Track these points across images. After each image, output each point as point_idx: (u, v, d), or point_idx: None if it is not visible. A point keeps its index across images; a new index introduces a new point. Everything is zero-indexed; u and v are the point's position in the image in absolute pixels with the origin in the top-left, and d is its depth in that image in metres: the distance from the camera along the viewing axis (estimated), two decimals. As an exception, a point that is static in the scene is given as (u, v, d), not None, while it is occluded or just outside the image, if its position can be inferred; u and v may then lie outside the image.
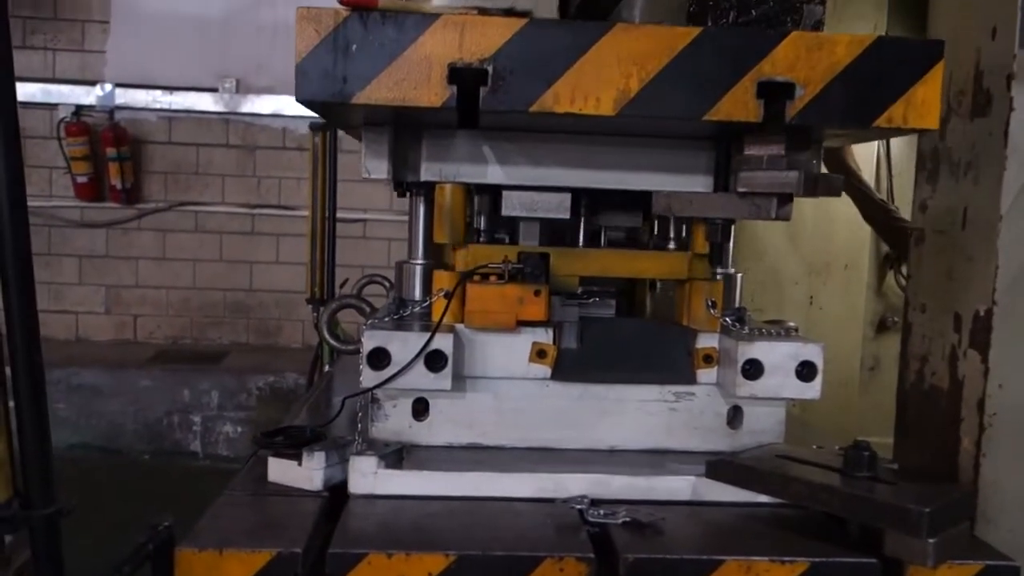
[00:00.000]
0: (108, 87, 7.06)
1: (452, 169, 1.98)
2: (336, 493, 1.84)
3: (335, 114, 1.92)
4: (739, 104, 1.67)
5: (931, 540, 1.55)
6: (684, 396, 2.03)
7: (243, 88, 7.21)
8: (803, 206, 3.91)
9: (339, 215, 5.24)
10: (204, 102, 7.18)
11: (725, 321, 2.03)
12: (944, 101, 1.95)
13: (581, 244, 2.15)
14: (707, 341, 2.02)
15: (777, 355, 1.92)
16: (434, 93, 1.65)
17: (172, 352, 7.12)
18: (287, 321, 7.40)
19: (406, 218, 2.23)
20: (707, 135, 1.95)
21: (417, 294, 2.12)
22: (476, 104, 1.66)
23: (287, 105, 7.18)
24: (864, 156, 3.95)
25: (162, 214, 7.29)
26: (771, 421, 2.03)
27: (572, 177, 1.99)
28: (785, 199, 1.79)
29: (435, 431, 1.99)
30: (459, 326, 1.96)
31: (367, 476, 1.83)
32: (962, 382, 1.84)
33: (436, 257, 2.14)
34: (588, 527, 1.70)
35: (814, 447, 1.98)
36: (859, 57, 1.67)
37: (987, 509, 1.77)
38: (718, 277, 2.11)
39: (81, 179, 7.04)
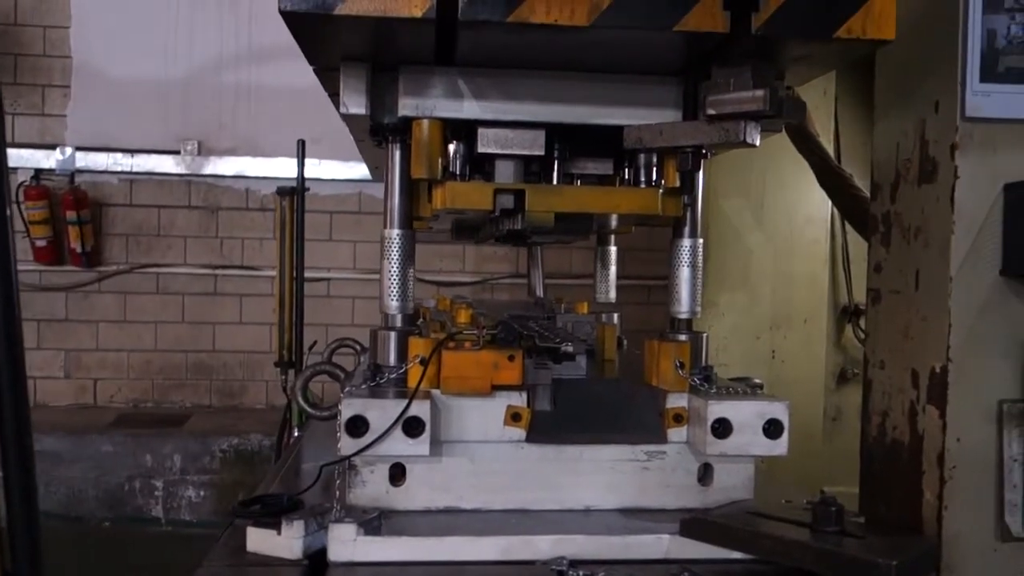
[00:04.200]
0: (68, 151, 7.04)
1: (429, 104, 2.02)
2: (316, 561, 1.84)
3: (315, 37, 1.91)
4: (707, 15, 1.73)
5: (899, 592, 1.61)
6: (655, 455, 2.08)
7: (205, 150, 7.23)
8: (763, 263, 4.04)
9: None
10: (166, 164, 7.19)
11: (694, 381, 2.09)
12: (893, 168, 2.05)
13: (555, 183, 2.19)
14: (676, 401, 2.08)
15: (744, 414, 1.98)
16: (414, 4, 1.69)
17: (133, 416, 7.00)
18: (251, 382, 7.34)
19: (370, 276, 2.28)
20: (675, 69, 2.02)
21: (392, 360, 2.15)
22: (455, 15, 1.69)
23: (249, 166, 7.21)
24: (817, 217, 4.09)
25: (123, 276, 7.23)
26: (741, 477, 2.08)
27: (546, 112, 2.05)
28: (753, 120, 1.85)
29: (412, 496, 2.02)
30: (435, 392, 2.00)
31: (347, 544, 1.84)
32: (922, 436, 1.91)
33: (412, 211, 2.17)
34: (568, 589, 1.73)
35: (783, 501, 2.04)
36: None
37: (951, 560, 1.83)
38: (684, 338, 2.17)
39: (40, 243, 6.98)
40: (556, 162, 2.19)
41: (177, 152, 7.17)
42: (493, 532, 1.90)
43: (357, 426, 1.90)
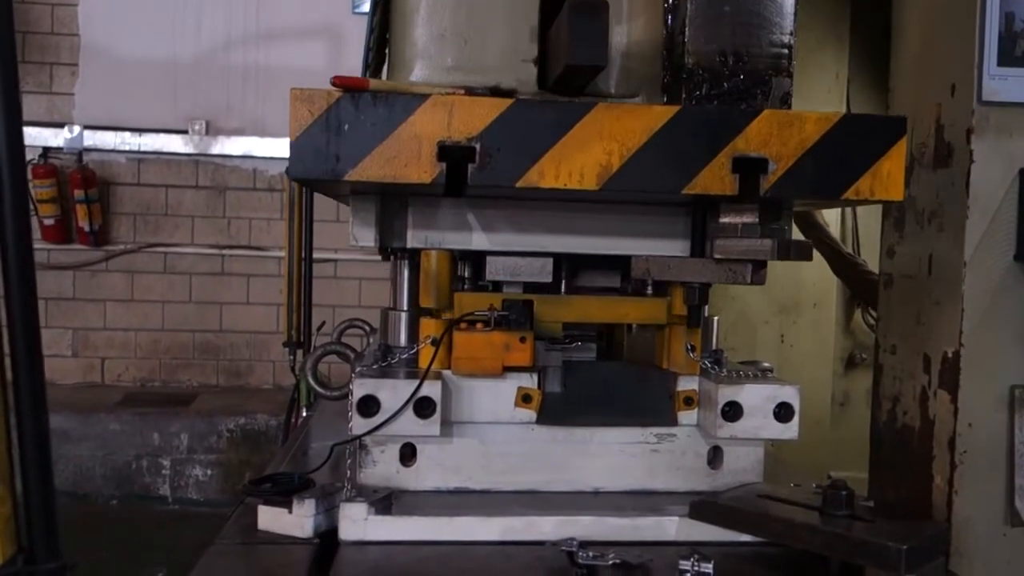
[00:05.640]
0: (76, 129, 7.06)
1: (437, 236, 2.02)
2: (326, 540, 1.85)
3: (325, 187, 1.94)
4: (715, 178, 1.74)
5: (909, 576, 1.61)
6: (665, 438, 2.08)
7: (213, 130, 7.23)
8: (771, 246, 4.02)
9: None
10: (174, 144, 7.20)
11: (704, 364, 2.09)
12: (908, 152, 2.04)
13: (563, 292, 2.19)
14: (687, 384, 2.08)
15: (755, 397, 1.98)
16: (424, 170, 1.69)
17: (140, 395, 7.05)
18: (257, 362, 7.37)
19: (376, 258, 2.28)
20: (684, 203, 2.01)
21: (403, 340, 2.16)
22: (464, 179, 1.70)
23: (257, 146, 7.22)
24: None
25: (131, 256, 7.26)
26: (751, 460, 2.09)
27: (554, 243, 2.05)
28: (759, 264, 1.85)
29: (422, 476, 2.02)
30: (446, 372, 2.00)
31: (357, 523, 1.85)
32: (933, 421, 1.91)
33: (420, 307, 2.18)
34: (577, 569, 1.73)
35: (792, 485, 2.04)
36: (827, 133, 1.75)
37: (961, 544, 1.84)
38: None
39: (48, 221, 7.00)
40: (564, 277, 2.18)
41: (185, 132, 7.17)
42: (502, 513, 1.90)
43: (368, 406, 1.90)
